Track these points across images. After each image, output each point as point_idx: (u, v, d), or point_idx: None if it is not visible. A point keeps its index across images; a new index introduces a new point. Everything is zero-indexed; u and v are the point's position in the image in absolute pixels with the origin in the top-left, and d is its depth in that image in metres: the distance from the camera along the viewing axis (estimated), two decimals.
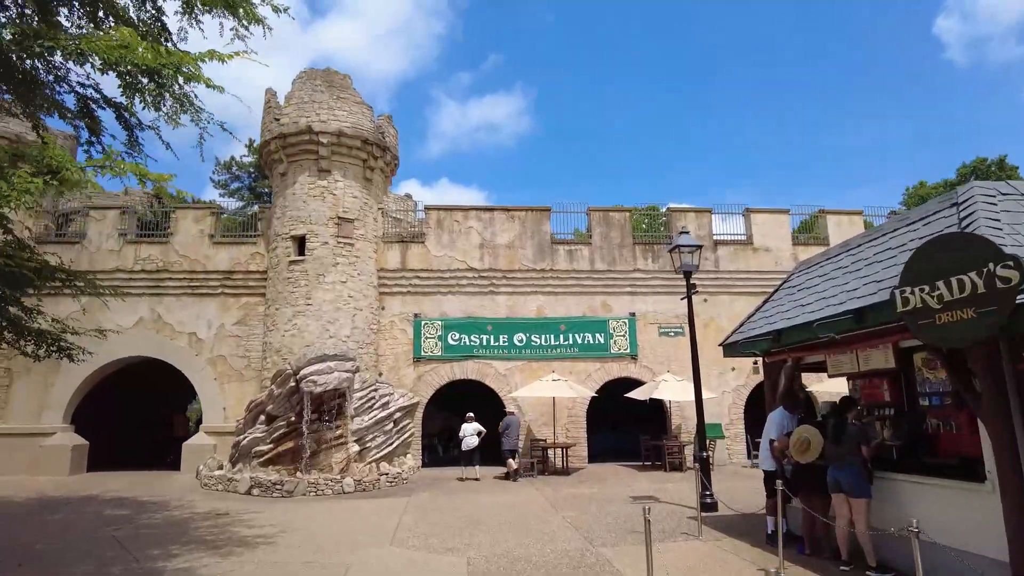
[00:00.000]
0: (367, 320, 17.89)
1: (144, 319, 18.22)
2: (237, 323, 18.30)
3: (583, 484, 14.67)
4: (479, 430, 16.48)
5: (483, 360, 18.56)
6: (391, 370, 18.28)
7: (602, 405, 18.94)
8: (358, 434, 15.98)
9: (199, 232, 18.75)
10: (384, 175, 19.53)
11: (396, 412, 17.33)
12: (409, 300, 18.79)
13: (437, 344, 18.52)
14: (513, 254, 19.14)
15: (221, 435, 17.48)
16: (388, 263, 18.78)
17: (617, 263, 19.42)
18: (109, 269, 18.23)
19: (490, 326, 18.73)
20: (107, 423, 20.30)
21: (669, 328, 19.33)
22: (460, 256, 18.97)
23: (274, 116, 18.24)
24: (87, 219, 18.70)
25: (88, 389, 18.18)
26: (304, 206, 17.75)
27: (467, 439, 16.26)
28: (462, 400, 19.12)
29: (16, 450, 17.10)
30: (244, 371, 18.00)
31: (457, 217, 19.28)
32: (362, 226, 18.23)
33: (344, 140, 17.90)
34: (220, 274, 18.45)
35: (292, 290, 17.29)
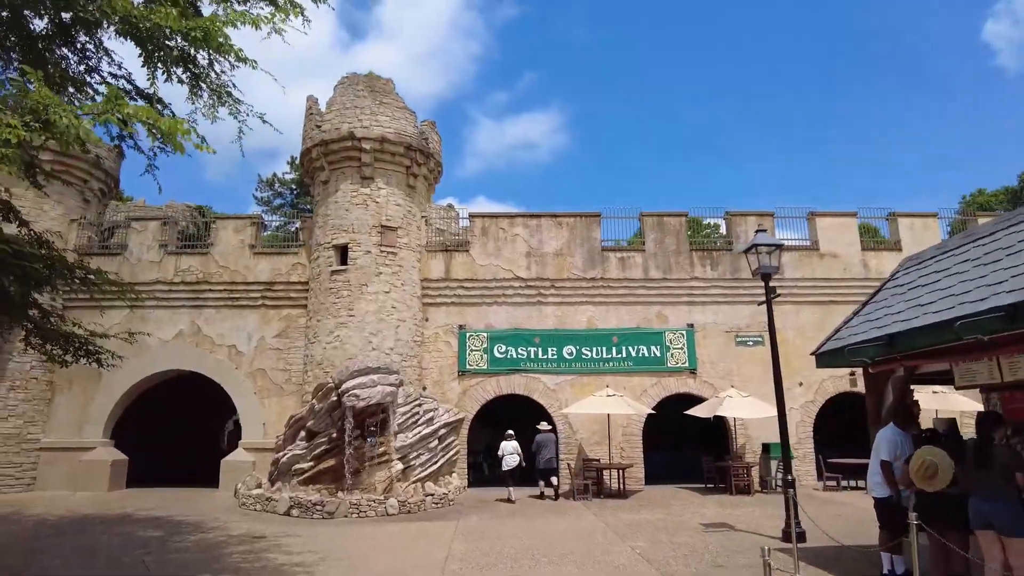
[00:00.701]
0: (410, 332, 17.12)
1: (184, 332, 17.80)
2: (278, 336, 17.74)
3: (644, 509, 13.52)
4: (519, 449, 15.64)
5: (531, 374, 17.58)
6: (435, 384, 17.45)
7: (655, 423, 17.75)
8: (402, 451, 15.15)
9: (239, 242, 18.32)
10: (427, 183, 18.87)
11: (441, 428, 16.47)
12: (453, 311, 17.98)
13: (483, 357, 17.63)
14: (561, 262, 18.19)
15: (260, 451, 16.84)
16: (432, 273, 18.03)
17: (673, 271, 18.29)
18: (149, 281, 17.90)
19: (538, 338, 17.77)
20: (147, 438, 19.93)
21: (747, 337, 18.06)
22: (506, 265, 18.11)
23: (315, 123, 17.76)
24: (128, 230, 18.46)
25: (128, 403, 17.80)
26: (346, 214, 17.16)
27: (507, 458, 15.45)
28: (509, 416, 18.18)
29: (58, 464, 16.77)
30: (284, 385, 17.38)
31: (503, 224, 18.46)
32: (405, 234, 17.54)
33: (387, 146, 17.30)
34: (261, 285, 17.95)
35: (334, 301, 16.65)
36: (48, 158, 17.71)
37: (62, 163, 18.04)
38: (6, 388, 16.47)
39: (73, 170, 18.34)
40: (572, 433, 17.27)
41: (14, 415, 16.48)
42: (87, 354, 10.06)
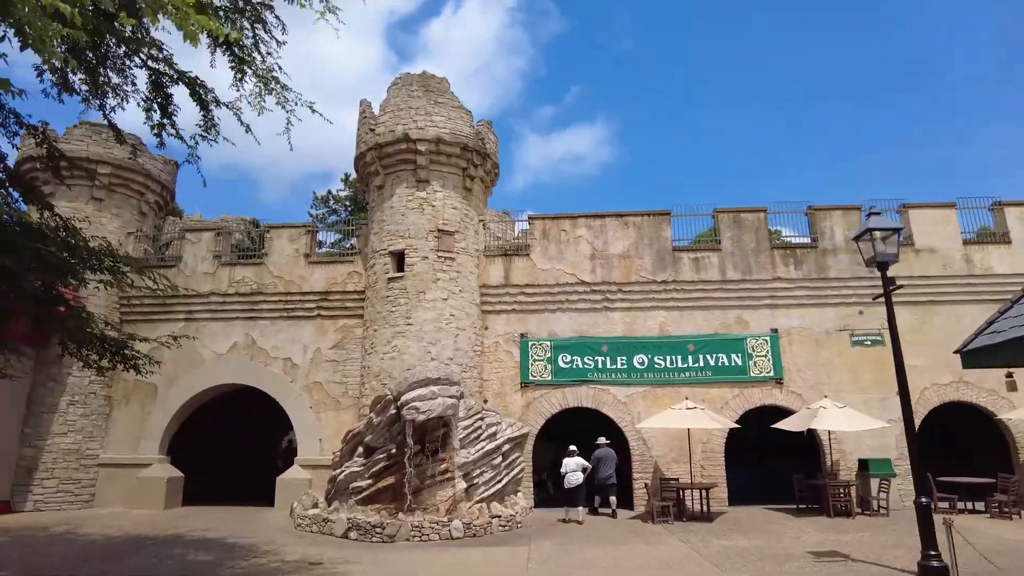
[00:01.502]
0: (470, 341, 16.17)
1: (238, 344, 17.31)
2: (334, 347, 17.05)
3: (736, 534, 12.09)
4: (584, 465, 14.59)
5: (599, 385, 16.36)
6: (496, 396, 16.41)
7: (734, 437, 16.20)
8: (464, 468, 14.13)
9: (294, 252, 17.79)
10: (484, 185, 17.99)
11: (505, 444, 15.40)
12: (514, 319, 16.95)
13: (546, 367, 16.51)
14: (629, 265, 16.97)
15: (316, 468, 16.11)
16: (490, 279, 17.07)
17: (753, 271, 16.83)
18: (204, 292, 17.52)
19: (605, 346, 16.55)
20: (201, 454, 19.54)
21: (865, 336, 16.43)
22: (569, 269, 17.00)
23: (369, 127, 17.14)
24: (183, 241, 18.18)
25: (184, 418, 17.39)
26: (402, 219, 16.40)
27: (570, 475, 14.37)
28: (575, 431, 16.99)
29: (116, 480, 16.43)
30: (341, 398, 16.64)
31: (564, 226, 17.37)
32: (463, 239, 16.66)
33: (443, 147, 16.51)
34: (316, 295, 17.34)
35: (391, 309, 15.86)
36: (106, 171, 17.67)
37: (119, 176, 17.96)
38: (65, 403, 16.26)
39: (130, 183, 18.23)
40: (647, 450, 15.93)
41: (73, 430, 16.23)
42: (123, 360, 9.39)
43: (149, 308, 17.66)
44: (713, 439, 15.95)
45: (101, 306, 17.06)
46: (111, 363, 9.33)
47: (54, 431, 16.01)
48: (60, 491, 15.84)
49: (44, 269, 6.73)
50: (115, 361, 9.27)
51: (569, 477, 14.50)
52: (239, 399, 18.84)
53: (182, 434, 17.60)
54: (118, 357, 9.21)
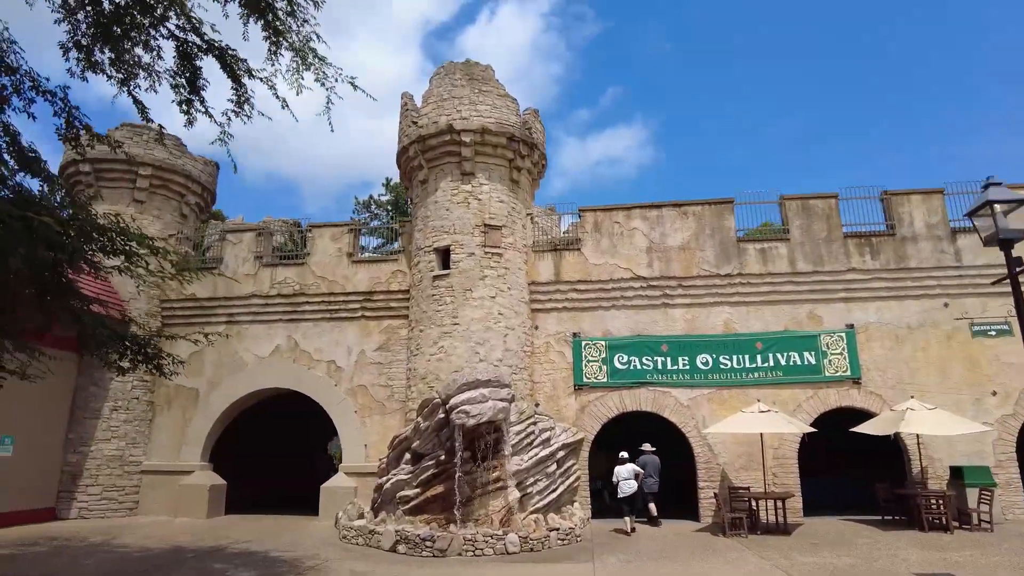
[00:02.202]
0: (520, 341, 15.26)
1: (280, 347, 16.76)
2: (378, 349, 16.34)
3: (822, 549, 10.86)
4: (637, 472, 13.81)
5: (659, 387, 15.25)
6: (549, 400, 15.45)
7: (805, 442, 14.87)
8: (517, 477, 13.22)
9: (337, 251, 17.18)
10: (531, 177, 17.09)
11: (559, 450, 14.43)
12: (565, 317, 15.98)
13: (601, 369, 15.48)
14: (689, 257, 15.83)
15: (362, 476, 15.40)
16: (540, 275, 16.14)
17: (825, 262, 15.51)
18: (245, 295, 17.05)
19: (665, 346, 15.44)
20: (243, 460, 19.09)
21: (989, 326, 14.96)
22: (624, 263, 15.95)
23: (411, 120, 16.44)
24: (223, 243, 17.76)
25: (226, 424, 16.91)
26: (447, 214, 15.63)
27: (623, 483, 13.58)
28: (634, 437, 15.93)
29: (158, 488, 16.02)
30: (387, 402, 15.91)
31: (618, 218, 16.34)
32: (510, 233, 15.79)
33: (488, 138, 15.69)
34: (360, 295, 16.68)
35: (437, 308, 15.07)
36: (147, 173, 17.37)
37: (160, 177, 17.67)
38: (108, 408, 15.93)
39: (170, 184, 17.92)
40: (713, 456, 14.75)
41: (116, 436, 15.89)
42: (146, 359, 8.72)
43: (191, 312, 17.27)
44: (785, 445, 14.67)
45: (142, 311, 16.78)
46: (132, 363, 8.67)
47: (97, 437, 15.69)
48: (104, 498, 15.49)
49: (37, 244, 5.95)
50: (136, 361, 8.61)
51: (623, 485, 13.73)
52: (282, 404, 18.33)
53: (224, 439, 17.13)
54: (140, 356, 8.54)
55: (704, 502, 14.57)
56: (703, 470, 14.74)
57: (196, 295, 17.25)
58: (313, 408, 16.80)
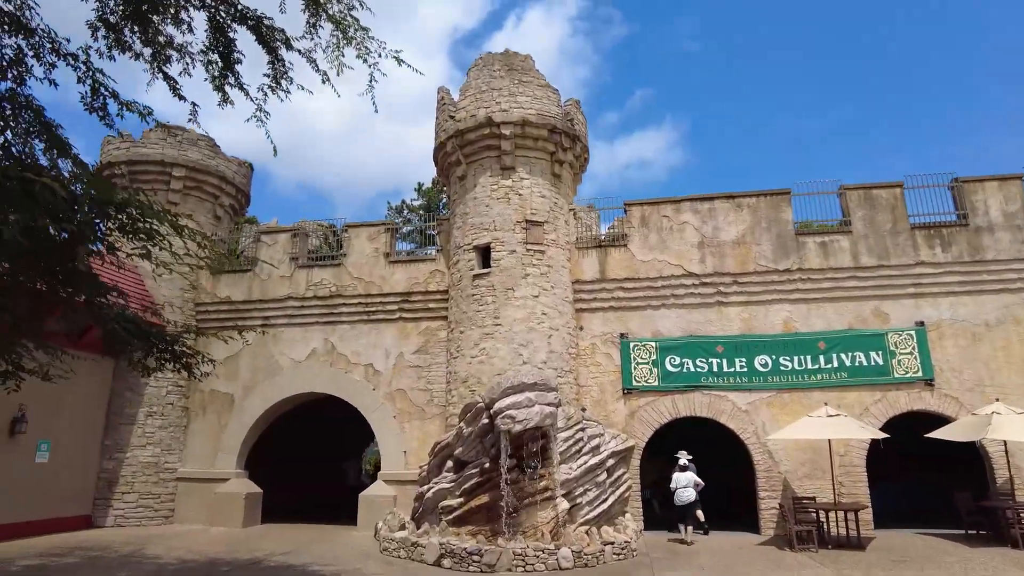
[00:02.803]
0: (564, 342, 14.50)
1: (317, 350, 16.26)
2: (417, 351, 15.73)
3: (905, 568, 9.87)
4: (696, 480, 13.03)
5: (714, 391, 14.34)
6: (596, 404, 14.65)
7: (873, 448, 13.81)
8: (566, 486, 12.47)
9: (373, 251, 16.65)
10: (573, 171, 16.36)
11: (609, 458, 13.63)
12: (612, 317, 15.17)
13: (652, 371, 14.63)
14: (744, 252, 14.91)
15: (401, 484, 14.79)
16: (584, 273, 15.37)
17: (891, 255, 14.45)
18: (280, 297, 16.62)
19: (720, 346, 14.53)
20: (280, 467, 18.68)
21: None
22: (674, 259, 15.10)
23: (448, 114, 15.85)
24: (258, 244, 17.36)
25: (262, 430, 16.46)
26: (487, 211, 14.97)
27: (681, 491, 12.92)
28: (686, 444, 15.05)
29: (194, 495, 15.63)
30: (426, 407, 15.28)
31: (666, 211, 15.50)
32: (552, 230, 15.07)
33: (529, 130, 15.00)
34: (397, 296, 16.10)
35: (477, 309, 14.41)
36: (180, 174, 17.08)
37: (193, 179, 17.36)
38: (144, 414, 15.60)
39: (204, 186, 17.61)
40: (774, 464, 13.79)
41: (152, 442, 15.55)
42: (173, 358, 8.15)
43: (225, 315, 16.89)
44: (851, 451, 13.64)
45: (177, 314, 16.42)
46: (158, 362, 8.11)
47: (133, 443, 15.36)
48: (140, 506, 15.15)
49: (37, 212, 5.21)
50: (163, 360, 8.05)
51: (680, 493, 13.00)
52: (318, 408, 17.85)
53: (259, 445, 16.68)
54: (167, 355, 7.98)
55: (765, 513, 13.62)
56: (763, 479, 13.79)
57: (231, 298, 16.90)
58: (348, 413, 16.28)
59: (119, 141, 17.27)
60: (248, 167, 19.35)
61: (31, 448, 13.47)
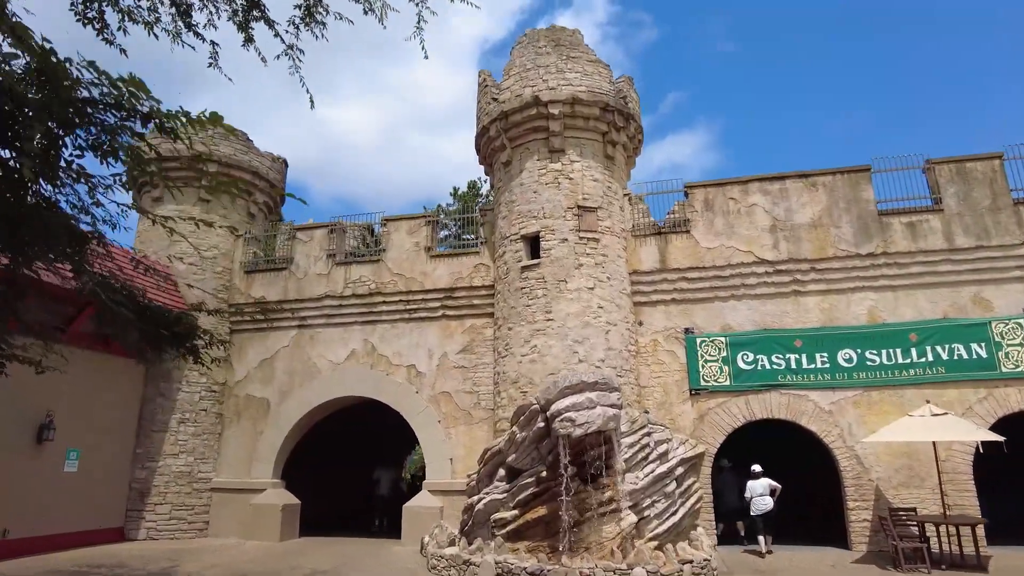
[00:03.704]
0: (623, 339, 13.23)
1: (356, 352, 15.27)
2: (462, 351, 14.63)
3: None
4: (773, 487, 12.06)
5: (793, 390, 12.89)
6: (659, 407, 13.32)
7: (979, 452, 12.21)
8: (632, 498, 11.15)
9: (414, 246, 15.64)
10: (626, 153, 15.11)
11: (678, 466, 12.27)
12: (675, 311, 13.85)
13: (722, 370, 13.25)
14: (822, 236, 13.45)
15: (448, 494, 13.67)
16: (642, 263, 14.10)
17: (991, 235, 12.84)
18: (317, 296, 15.70)
19: (799, 340, 13.08)
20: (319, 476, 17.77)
21: None
22: (743, 245, 13.72)
23: (491, 96, 14.78)
24: (293, 241, 16.50)
25: (299, 437, 15.52)
26: (535, 197, 13.83)
27: (757, 500, 12.01)
28: (757, 450, 13.68)
29: (229, 506, 14.75)
30: (473, 410, 14.15)
31: (732, 193, 14.13)
32: (607, 216, 13.84)
33: (579, 109, 13.84)
34: (440, 293, 15.04)
35: (527, 303, 13.25)
36: (212, 170, 16.31)
37: (226, 175, 16.58)
38: (176, 421, 14.80)
39: (238, 182, 16.81)
40: (864, 471, 12.27)
41: (185, 451, 14.72)
42: (176, 340, 7.07)
43: (261, 316, 16.04)
44: (954, 456, 12.04)
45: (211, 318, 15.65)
46: (154, 344, 7.04)
47: (165, 451, 14.56)
48: (173, 518, 14.32)
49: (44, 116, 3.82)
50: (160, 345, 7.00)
51: (756, 502, 12.02)
52: (358, 413, 16.89)
53: (296, 453, 15.75)
54: (167, 335, 6.92)
55: (855, 526, 12.10)
56: (852, 487, 12.27)
57: (265, 298, 16.05)
58: (389, 418, 15.27)
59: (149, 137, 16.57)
60: (283, 163, 18.59)
61: (59, 456, 12.74)
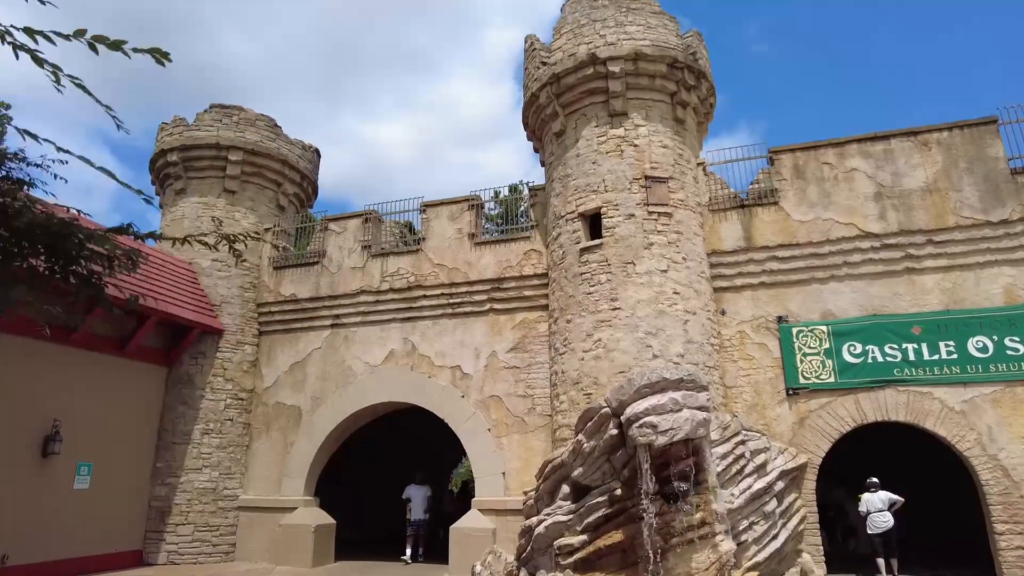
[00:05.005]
0: (704, 330, 11.23)
1: (395, 352, 13.64)
2: (513, 349, 12.84)
3: None
4: (893, 501, 10.66)
5: (912, 386, 10.68)
6: (750, 410, 11.26)
7: None
8: (729, 519, 9.13)
9: (456, 233, 13.98)
10: (697, 117, 13.16)
11: (778, 480, 10.20)
12: (764, 296, 11.79)
13: (824, 364, 11.11)
14: (940, 202, 11.24)
15: (501, 514, 11.85)
16: (723, 241, 12.10)
17: None
18: (352, 292, 14.16)
19: (917, 327, 10.87)
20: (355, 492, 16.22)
21: None
22: (842, 217, 11.60)
23: (540, 60, 13.05)
24: (325, 233, 15.01)
25: (334, 449, 13.94)
26: (594, 168, 12.00)
27: (876, 516, 10.47)
28: (865, 461, 11.52)
29: (258, 527, 13.26)
30: (527, 417, 12.32)
31: (827, 157, 12.03)
32: (679, 187, 11.90)
33: (643, 66, 11.98)
34: (486, 284, 13.31)
35: (588, 291, 11.39)
36: (237, 158, 15.00)
37: (252, 164, 15.27)
38: (200, 432, 13.39)
39: (265, 171, 15.50)
40: (1012, 486, 9.96)
41: (208, 465, 13.29)
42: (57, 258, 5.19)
43: (290, 315, 14.60)
44: None
45: (236, 315, 14.29)
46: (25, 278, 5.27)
47: (187, 466, 13.14)
48: (196, 540, 12.87)
49: None
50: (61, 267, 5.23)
51: (874, 519, 10.47)
52: (399, 421, 15.27)
53: (331, 465, 14.19)
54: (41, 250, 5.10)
55: (1006, 554, 9.79)
56: (999, 506, 9.97)
57: (296, 295, 14.60)
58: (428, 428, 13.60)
59: (172, 127, 15.45)
60: (314, 152, 17.20)
61: (68, 472, 11.41)
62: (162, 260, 13.58)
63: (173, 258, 14.11)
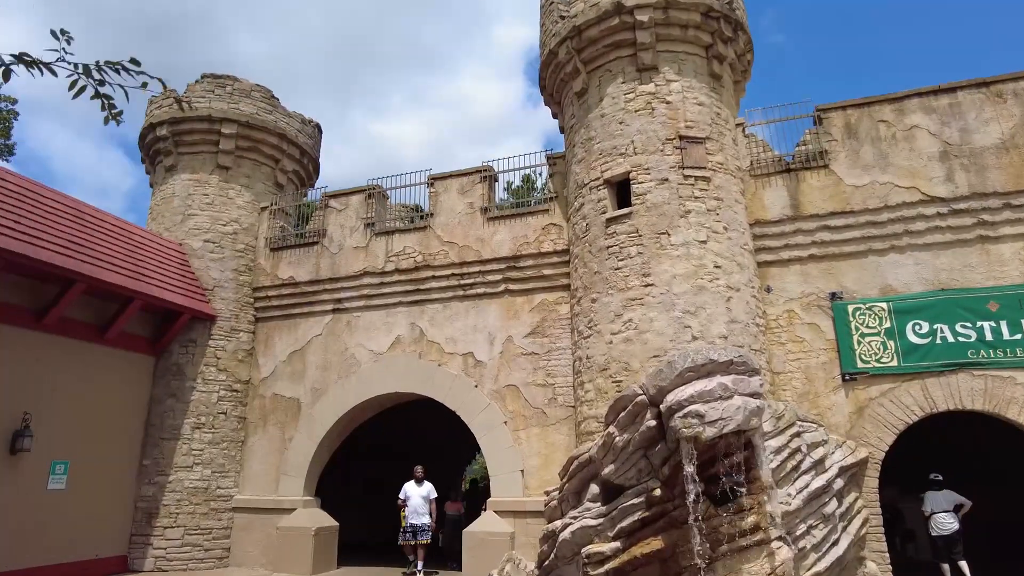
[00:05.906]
0: (749, 309, 9.94)
1: (402, 338, 12.46)
2: (531, 334, 11.61)
3: None
4: (957, 502, 9.61)
5: (990, 370, 9.34)
6: (801, 398, 9.97)
7: None
8: (785, 523, 7.88)
9: (467, 207, 12.76)
10: (734, 73, 11.84)
11: (837, 477, 8.94)
12: (815, 270, 10.47)
13: (886, 345, 9.79)
14: (1018, 161, 9.86)
15: (520, 516, 10.63)
16: (767, 210, 10.80)
17: None
18: (354, 273, 12.99)
19: (993, 303, 9.52)
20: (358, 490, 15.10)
21: None
22: (903, 180, 10.25)
23: (559, 14, 11.79)
24: (326, 211, 13.85)
25: (336, 445, 12.80)
26: (621, 129, 10.72)
27: (939, 517, 9.53)
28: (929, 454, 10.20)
29: (254, 530, 12.15)
30: (548, 408, 11.09)
31: (884, 114, 10.67)
32: (717, 149, 10.60)
33: (674, 14, 10.69)
34: (501, 262, 12.09)
35: (616, 266, 10.13)
36: (231, 131, 13.86)
37: (248, 137, 14.14)
38: (190, 426, 12.27)
39: (261, 146, 14.36)
40: None
41: (200, 463, 12.18)
42: None
43: (289, 300, 13.47)
44: None
45: (230, 300, 13.17)
46: None
47: (177, 463, 12.03)
48: (187, 544, 11.76)
49: None
50: None
51: (939, 520, 9.45)
52: (407, 413, 14.12)
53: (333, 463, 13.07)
54: None
55: None
56: None
57: (294, 278, 13.46)
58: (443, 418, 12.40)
59: (161, 99, 14.32)
60: (315, 127, 16.04)
61: (41, 471, 10.32)
62: (148, 240, 12.48)
63: (161, 238, 13.03)
